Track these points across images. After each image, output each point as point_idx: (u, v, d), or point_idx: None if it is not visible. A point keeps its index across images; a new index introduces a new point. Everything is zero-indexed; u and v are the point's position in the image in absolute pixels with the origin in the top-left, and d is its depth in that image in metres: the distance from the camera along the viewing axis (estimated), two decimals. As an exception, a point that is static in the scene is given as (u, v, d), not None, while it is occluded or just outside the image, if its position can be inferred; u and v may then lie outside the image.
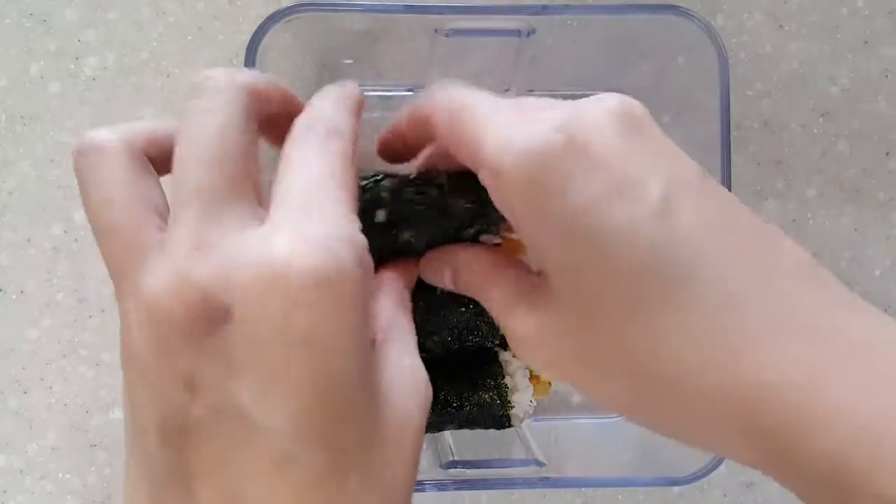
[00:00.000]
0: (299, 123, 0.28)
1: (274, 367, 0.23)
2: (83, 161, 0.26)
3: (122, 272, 0.25)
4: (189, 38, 0.50)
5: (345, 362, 0.24)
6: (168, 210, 0.26)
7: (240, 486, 0.23)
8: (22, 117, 0.49)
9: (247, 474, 0.23)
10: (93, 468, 0.49)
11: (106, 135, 0.27)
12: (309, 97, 0.47)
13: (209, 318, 0.23)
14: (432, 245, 0.36)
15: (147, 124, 0.28)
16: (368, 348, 0.26)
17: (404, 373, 0.28)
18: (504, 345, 0.42)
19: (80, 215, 0.49)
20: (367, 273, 0.24)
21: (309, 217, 0.24)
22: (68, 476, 0.49)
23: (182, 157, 0.25)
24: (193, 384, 0.23)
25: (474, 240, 0.39)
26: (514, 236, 0.39)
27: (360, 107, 0.32)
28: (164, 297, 0.23)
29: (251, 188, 0.25)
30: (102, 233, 0.26)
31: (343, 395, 0.24)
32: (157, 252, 0.24)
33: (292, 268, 0.22)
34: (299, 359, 0.23)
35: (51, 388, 0.49)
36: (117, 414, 0.49)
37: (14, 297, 0.49)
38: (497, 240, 0.42)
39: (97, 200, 0.26)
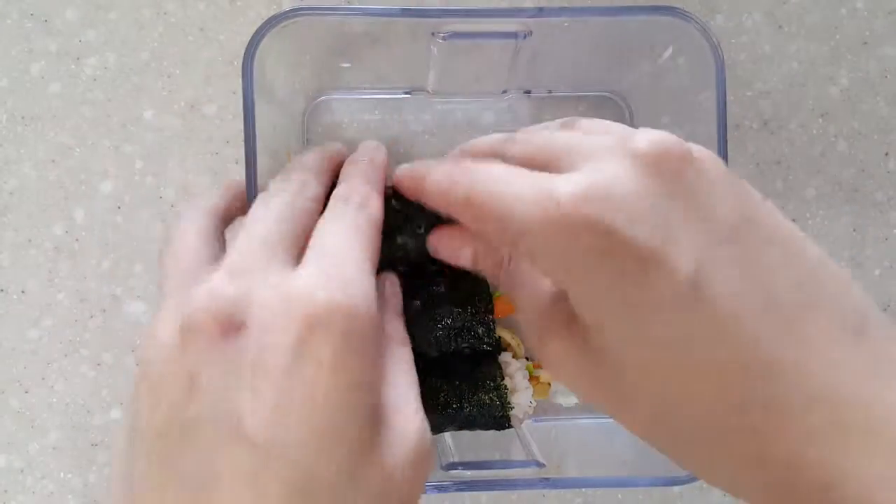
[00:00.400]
0: (337, 196, 0.33)
1: (277, 382, 0.24)
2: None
3: (175, 285, 0.31)
4: (190, 38, 0.50)
5: (345, 397, 0.25)
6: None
7: (210, 494, 0.24)
8: (23, 117, 0.49)
9: (221, 483, 0.24)
10: (94, 468, 0.49)
11: (204, 202, 0.36)
12: (308, 98, 0.47)
13: (225, 326, 0.25)
14: (421, 253, 0.36)
15: (223, 195, 0.37)
16: (372, 392, 0.27)
17: (400, 423, 0.28)
18: (499, 348, 0.42)
19: (80, 215, 0.49)
20: (377, 324, 0.27)
21: (333, 264, 0.27)
22: (69, 476, 0.49)
23: (252, 214, 0.31)
24: (195, 384, 0.25)
25: None
26: None
27: (385, 169, 0.36)
28: (192, 304, 0.26)
29: (297, 248, 0.29)
30: (171, 257, 0.33)
31: (336, 420, 0.25)
32: (209, 277, 0.28)
33: (309, 295, 0.25)
34: (303, 381, 0.25)
35: (52, 387, 0.49)
36: (118, 413, 0.49)
37: (15, 296, 0.49)
38: None
39: (171, 256, 0.33)
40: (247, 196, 0.38)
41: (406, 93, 0.49)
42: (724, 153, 0.40)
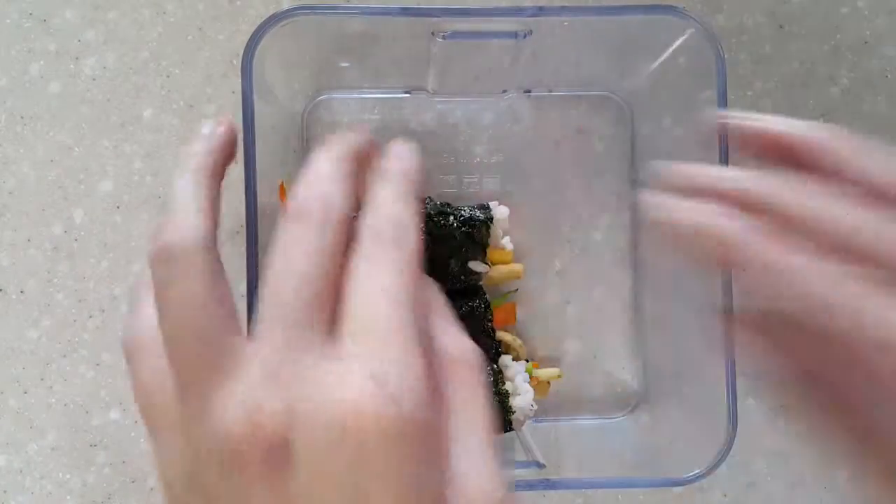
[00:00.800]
0: (366, 227, 0.28)
1: None
2: (161, 269, 0.26)
3: (192, 380, 0.25)
4: (189, 37, 0.50)
5: None
6: (234, 307, 0.26)
7: None
8: (22, 117, 0.49)
9: None
10: (92, 468, 0.49)
11: (183, 241, 0.27)
12: (307, 97, 0.47)
13: (274, 458, 0.23)
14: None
15: (210, 202, 0.29)
16: (439, 483, 0.25)
17: (472, 494, 0.26)
18: (499, 355, 0.42)
19: (79, 215, 0.49)
20: (432, 415, 0.24)
21: (379, 351, 0.24)
22: (68, 476, 0.49)
23: (276, 274, 0.26)
24: None
25: (464, 265, 0.40)
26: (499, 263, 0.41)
27: (422, 178, 0.31)
28: (234, 428, 0.23)
29: (330, 308, 0.25)
30: (176, 337, 0.26)
31: None
32: (233, 368, 0.24)
33: (356, 412, 0.22)
34: None
35: (51, 388, 0.49)
36: (116, 414, 0.49)
37: (14, 296, 0.49)
38: (483, 267, 0.42)
39: (175, 309, 0.26)
40: (246, 197, 0.38)
41: (406, 92, 0.49)
42: (725, 153, 0.39)
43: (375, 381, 0.23)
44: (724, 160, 0.40)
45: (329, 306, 0.25)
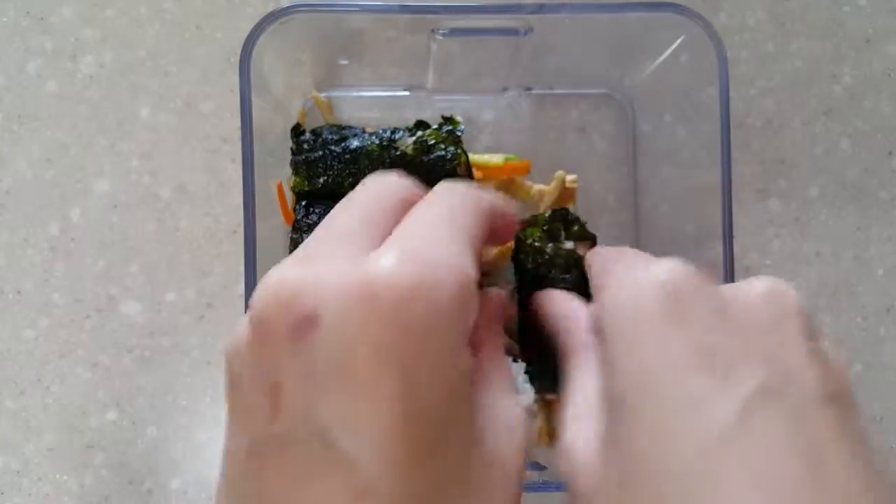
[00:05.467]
0: (440, 184, 0.28)
1: (359, 388, 0.22)
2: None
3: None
4: (187, 35, 0.50)
5: (435, 391, 0.23)
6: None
7: None
8: (19, 116, 0.49)
9: None
10: (90, 469, 0.49)
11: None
12: (306, 95, 0.47)
13: (298, 322, 0.22)
14: None
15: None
16: (463, 379, 0.25)
17: (500, 414, 0.27)
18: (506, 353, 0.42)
19: (76, 214, 0.49)
20: (467, 299, 0.24)
21: (421, 243, 0.24)
22: (65, 477, 0.49)
23: (337, 206, 0.27)
24: (278, 395, 0.22)
25: None
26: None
27: (510, 225, 0.32)
28: (263, 298, 0.23)
29: (379, 237, 0.26)
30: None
31: (432, 429, 0.23)
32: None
33: (386, 281, 0.22)
34: (386, 382, 0.22)
35: (48, 388, 0.49)
36: (114, 415, 0.49)
37: (11, 296, 0.49)
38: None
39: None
40: (244, 196, 0.37)
41: (405, 90, 0.49)
42: (727, 152, 0.39)
43: (408, 256, 0.23)
44: (726, 159, 0.40)
45: (378, 232, 0.26)
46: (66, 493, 0.49)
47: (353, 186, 0.40)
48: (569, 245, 0.42)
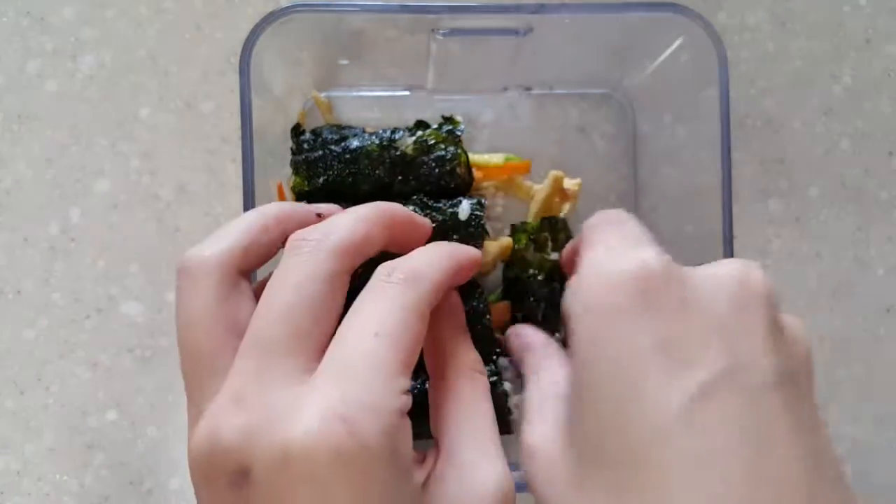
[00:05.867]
0: (383, 268, 0.28)
1: None
2: (179, 281, 0.28)
3: (193, 394, 0.27)
4: (187, 35, 0.50)
5: None
6: (242, 329, 0.27)
7: None
8: (19, 116, 0.49)
9: None
10: (90, 469, 0.49)
11: (201, 256, 0.28)
12: (306, 95, 0.47)
13: (233, 478, 0.24)
14: None
15: (249, 233, 0.29)
16: (413, 497, 0.26)
17: (471, 485, 0.27)
18: (498, 354, 0.42)
19: (76, 214, 0.49)
20: (396, 439, 0.24)
21: (348, 381, 0.24)
22: (65, 477, 0.49)
23: (259, 307, 0.27)
24: None
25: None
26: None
27: (468, 270, 0.32)
28: (198, 450, 0.25)
29: (314, 340, 0.26)
30: (184, 351, 0.27)
31: None
32: (216, 389, 0.26)
33: (305, 452, 0.23)
34: None
35: (48, 388, 0.49)
36: (113, 415, 0.49)
37: (11, 296, 0.49)
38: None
39: (184, 322, 0.28)
40: (244, 196, 0.37)
41: (405, 90, 0.49)
42: (727, 152, 0.39)
43: (334, 412, 0.23)
44: (726, 159, 0.40)
45: (315, 338, 0.26)
46: (66, 493, 0.49)
47: (353, 186, 0.40)
48: (554, 256, 0.43)
